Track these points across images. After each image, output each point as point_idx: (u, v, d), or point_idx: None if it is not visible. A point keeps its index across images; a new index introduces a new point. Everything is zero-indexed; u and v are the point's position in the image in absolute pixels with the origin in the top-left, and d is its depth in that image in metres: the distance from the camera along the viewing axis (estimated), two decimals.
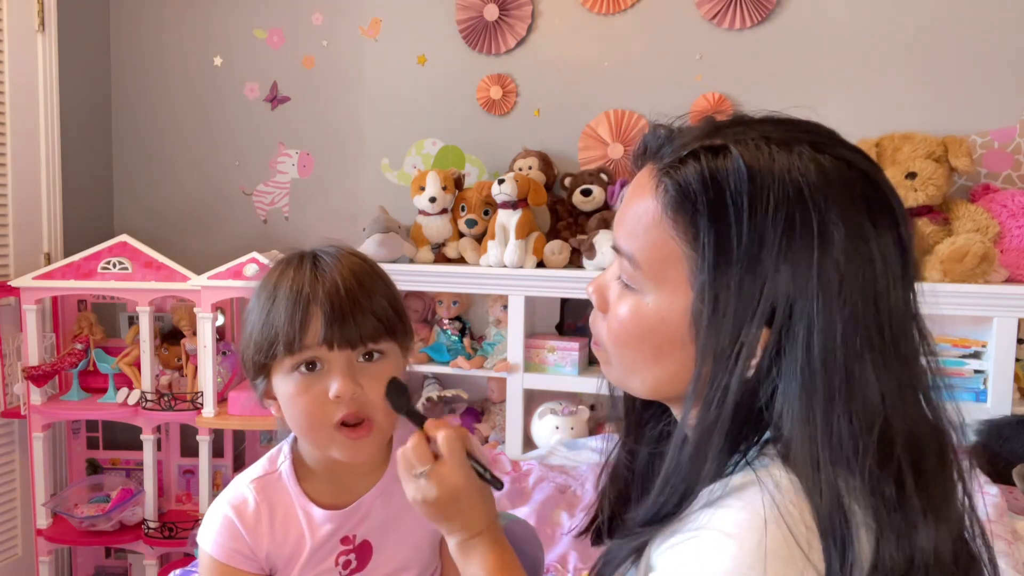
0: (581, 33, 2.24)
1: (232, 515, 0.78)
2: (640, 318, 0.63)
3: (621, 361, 0.66)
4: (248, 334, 0.77)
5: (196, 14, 2.53)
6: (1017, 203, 1.84)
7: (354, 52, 2.42)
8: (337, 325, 0.73)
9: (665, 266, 0.60)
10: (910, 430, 0.56)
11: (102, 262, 2.13)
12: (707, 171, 0.57)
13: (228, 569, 0.77)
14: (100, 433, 2.47)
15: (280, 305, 0.74)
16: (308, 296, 0.73)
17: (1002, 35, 1.96)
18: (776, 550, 0.52)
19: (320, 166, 2.49)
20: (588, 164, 2.25)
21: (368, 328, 0.75)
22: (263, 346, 0.74)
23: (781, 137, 0.58)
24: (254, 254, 2.13)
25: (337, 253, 0.78)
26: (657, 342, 0.62)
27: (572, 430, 2.03)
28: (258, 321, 0.76)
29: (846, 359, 0.55)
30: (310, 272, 0.75)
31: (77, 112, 2.45)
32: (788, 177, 0.55)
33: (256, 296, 0.78)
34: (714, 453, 0.58)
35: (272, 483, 0.80)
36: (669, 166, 0.60)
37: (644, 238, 0.61)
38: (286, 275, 0.76)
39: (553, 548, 1.44)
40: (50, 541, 2.18)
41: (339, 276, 0.75)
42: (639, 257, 0.62)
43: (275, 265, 0.79)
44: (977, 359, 1.82)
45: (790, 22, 2.09)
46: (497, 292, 2.13)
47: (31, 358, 2.10)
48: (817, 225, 0.55)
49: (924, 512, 0.55)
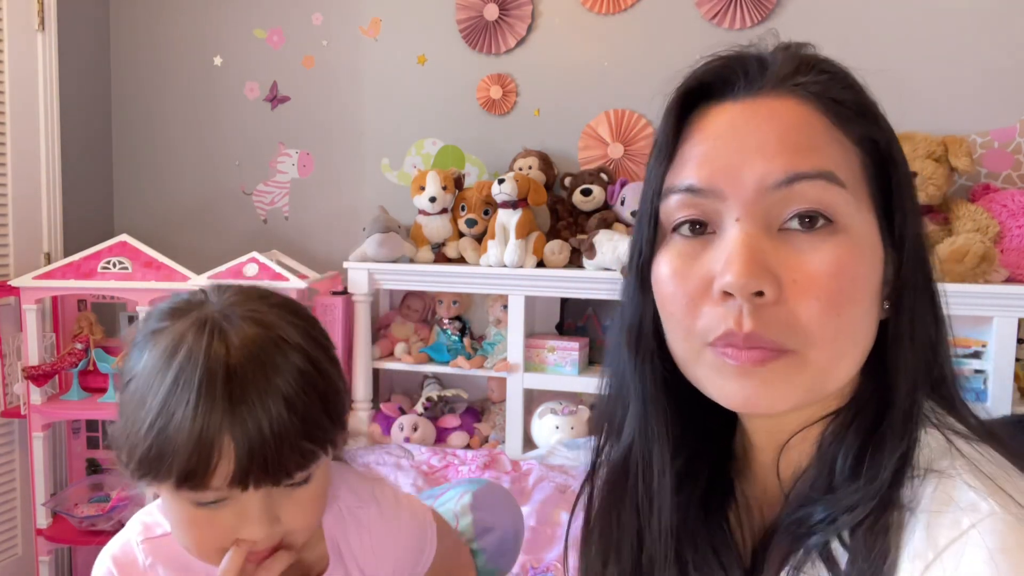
0: (581, 33, 2.24)
1: (116, 573, 0.65)
2: (859, 253, 0.50)
3: (839, 335, 0.50)
4: (126, 429, 0.58)
5: (196, 14, 2.53)
6: (1017, 203, 1.84)
7: (354, 52, 2.42)
8: (257, 468, 0.56)
9: (855, 177, 0.51)
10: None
11: (102, 262, 2.13)
12: (832, 70, 0.53)
13: None
14: (100, 433, 2.47)
15: (178, 423, 0.55)
16: (216, 430, 0.55)
17: (1002, 35, 1.96)
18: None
19: (320, 166, 2.49)
20: (588, 164, 2.25)
21: (297, 462, 0.59)
22: (147, 462, 0.56)
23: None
24: (254, 254, 2.13)
25: (262, 341, 0.58)
26: (873, 285, 0.51)
27: (572, 430, 2.03)
28: (143, 420, 0.56)
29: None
30: (222, 388, 0.55)
31: (77, 112, 2.45)
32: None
33: (140, 373, 0.58)
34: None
35: (165, 545, 0.66)
36: (795, 74, 0.53)
37: (831, 150, 0.50)
38: (186, 371, 0.56)
39: (553, 548, 1.44)
40: (50, 541, 2.18)
41: (265, 403, 0.56)
42: (840, 172, 0.50)
43: (171, 335, 0.58)
44: (977, 359, 1.82)
45: (790, 22, 2.09)
46: (497, 292, 2.13)
47: (31, 358, 2.10)
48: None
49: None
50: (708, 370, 0.52)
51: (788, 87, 0.52)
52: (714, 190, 0.51)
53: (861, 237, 0.51)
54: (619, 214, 2.10)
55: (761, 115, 0.52)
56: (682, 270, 0.53)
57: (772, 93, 0.52)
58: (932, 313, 0.55)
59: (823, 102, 0.51)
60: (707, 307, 0.51)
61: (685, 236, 0.53)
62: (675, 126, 0.56)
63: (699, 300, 0.52)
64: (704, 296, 0.51)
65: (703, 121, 0.54)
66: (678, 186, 0.53)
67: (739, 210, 0.50)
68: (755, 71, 0.54)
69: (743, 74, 0.54)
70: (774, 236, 0.50)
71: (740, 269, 0.48)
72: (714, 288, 0.50)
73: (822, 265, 0.49)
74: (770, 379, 0.50)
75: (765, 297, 0.49)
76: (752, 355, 0.49)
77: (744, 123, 0.52)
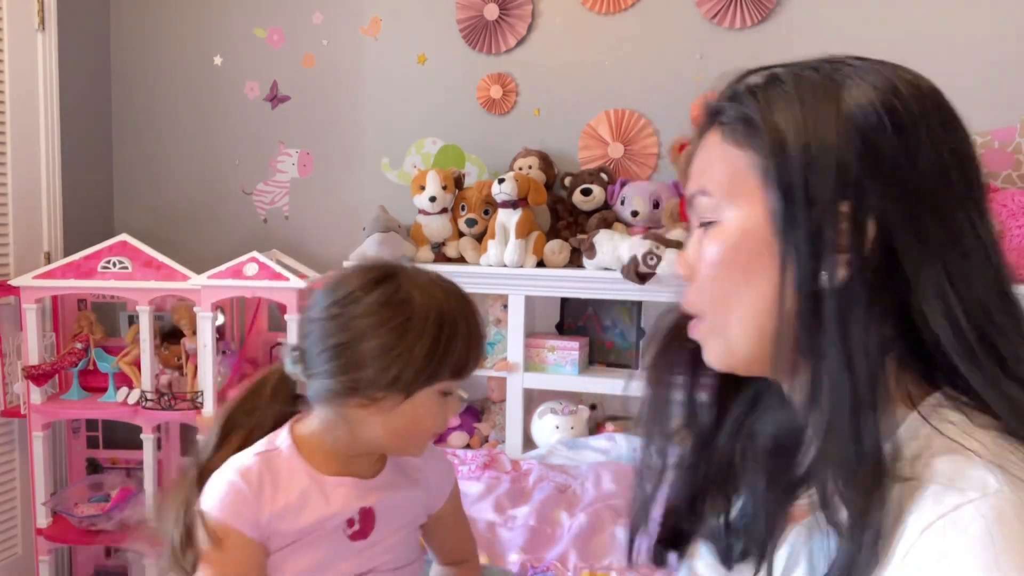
0: (581, 33, 2.24)
1: (238, 480, 0.83)
2: (724, 240, 0.62)
3: (714, 301, 0.64)
4: (399, 356, 0.82)
5: (196, 13, 2.54)
6: (1017, 203, 1.84)
7: (354, 51, 2.42)
8: (475, 365, 0.88)
9: (736, 180, 0.62)
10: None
11: (102, 261, 2.13)
12: (749, 89, 0.62)
13: (228, 530, 0.81)
14: (100, 432, 2.48)
15: (453, 338, 0.83)
16: (478, 337, 0.87)
17: (1002, 34, 1.96)
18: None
19: (320, 165, 2.49)
20: (588, 164, 2.25)
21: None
22: (432, 367, 0.83)
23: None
24: (254, 253, 2.13)
25: (463, 295, 0.89)
26: (745, 257, 0.61)
27: (572, 430, 2.03)
28: (420, 344, 0.82)
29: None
30: (467, 308, 0.86)
31: (77, 112, 2.45)
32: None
33: (392, 314, 0.82)
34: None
35: (275, 457, 0.86)
36: (717, 107, 0.65)
37: (712, 168, 0.64)
38: (441, 305, 0.83)
39: (553, 548, 1.44)
40: (50, 540, 2.18)
41: (479, 324, 0.88)
42: (709, 185, 0.64)
43: (400, 282, 0.84)
44: None
45: (790, 22, 2.09)
46: (497, 291, 2.13)
47: (31, 357, 2.10)
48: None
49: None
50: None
51: (716, 119, 0.65)
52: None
53: (732, 226, 0.62)
54: (619, 214, 2.10)
55: (702, 147, 0.67)
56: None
57: (712, 125, 0.65)
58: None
59: (725, 128, 0.63)
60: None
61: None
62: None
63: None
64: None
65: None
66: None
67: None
68: (711, 112, 0.66)
69: (707, 114, 0.67)
70: (699, 234, 0.66)
71: (677, 261, 0.69)
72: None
73: (702, 252, 0.64)
74: (703, 342, 0.66)
75: (688, 282, 0.66)
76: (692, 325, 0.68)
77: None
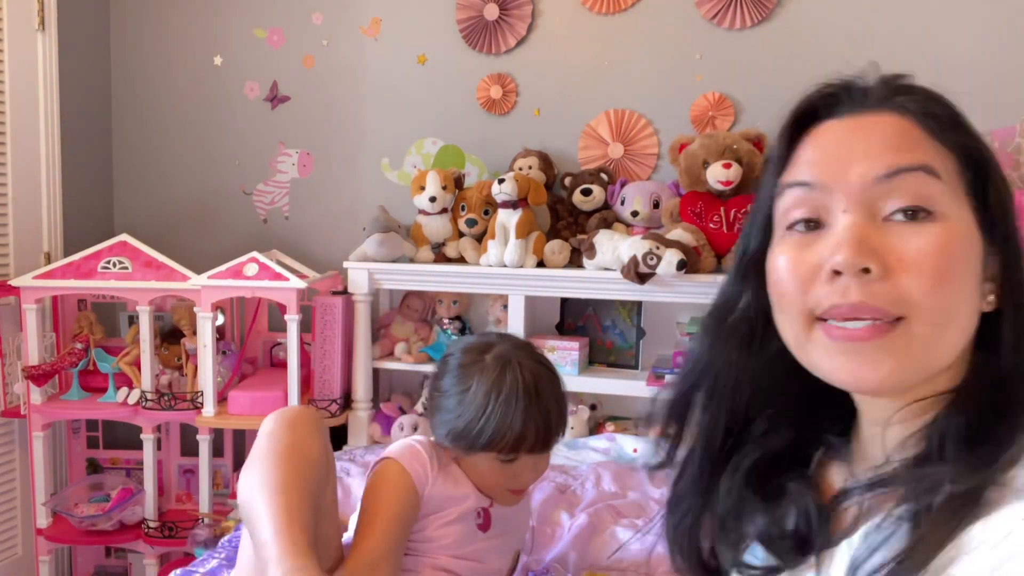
0: (581, 33, 2.24)
1: (420, 448, 1.03)
2: (955, 239, 0.55)
3: (940, 309, 0.55)
4: (465, 424, 1.01)
5: (196, 14, 2.53)
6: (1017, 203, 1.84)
7: (354, 52, 2.42)
8: (541, 443, 1.03)
9: (948, 177, 0.57)
10: None
11: (102, 262, 2.13)
12: (927, 92, 0.61)
13: (408, 479, 1.00)
14: (100, 432, 2.47)
15: (511, 414, 0.99)
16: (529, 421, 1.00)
17: (1003, 35, 1.96)
18: None
19: (320, 166, 2.49)
20: (588, 164, 2.25)
21: (558, 439, 1.07)
22: (484, 437, 1.00)
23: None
24: (254, 254, 2.12)
25: (548, 379, 1.04)
26: (973, 270, 0.56)
27: (572, 430, 2.03)
28: (485, 415, 0.99)
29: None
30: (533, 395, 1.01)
31: (77, 112, 2.45)
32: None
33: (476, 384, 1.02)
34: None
35: (433, 447, 1.07)
36: (894, 95, 0.61)
37: (921, 148, 0.57)
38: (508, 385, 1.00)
39: (553, 548, 1.44)
40: (50, 540, 2.18)
41: (551, 407, 1.02)
42: (936, 165, 0.57)
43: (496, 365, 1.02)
44: None
45: (790, 22, 2.09)
46: (497, 292, 2.13)
47: (31, 357, 2.10)
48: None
49: None
50: (819, 351, 0.59)
51: (888, 105, 0.60)
52: (824, 185, 0.59)
53: (959, 225, 0.56)
54: (619, 214, 2.10)
55: (865, 127, 0.60)
56: (797, 258, 0.60)
57: (874, 110, 0.61)
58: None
59: (919, 117, 0.59)
60: (817, 287, 0.58)
61: (800, 232, 0.61)
62: (788, 142, 0.64)
63: (811, 281, 0.59)
64: (815, 278, 0.58)
65: (813, 136, 0.63)
66: (792, 181, 0.62)
67: (846, 202, 0.57)
68: (858, 94, 0.63)
69: (847, 97, 0.63)
70: (879, 225, 0.56)
71: (848, 249, 0.55)
72: (824, 269, 0.57)
73: (925, 245, 0.55)
74: (877, 356, 0.55)
75: (871, 274, 0.55)
76: (858, 332, 0.55)
77: (849, 134, 0.60)
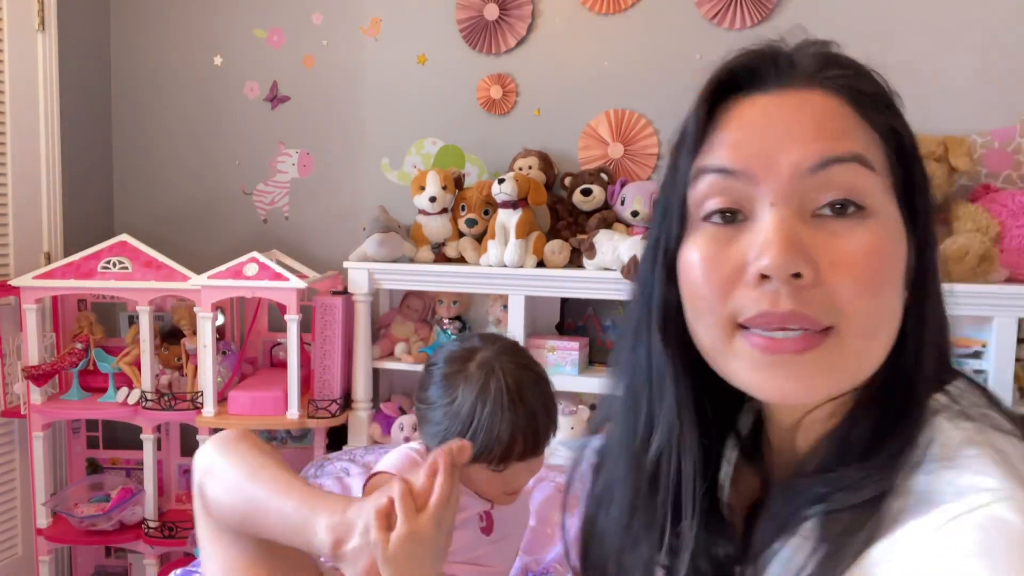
0: (581, 33, 2.24)
1: (418, 458, 1.03)
2: (887, 239, 0.51)
3: (872, 317, 0.50)
4: (459, 433, 0.97)
5: (196, 14, 2.53)
6: (1017, 203, 1.84)
7: (354, 52, 2.42)
8: (531, 449, 0.99)
9: (880, 165, 0.52)
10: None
11: (102, 262, 2.13)
12: (856, 66, 0.55)
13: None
14: (100, 433, 2.47)
15: (497, 426, 0.96)
16: (518, 430, 0.96)
17: (1002, 34, 1.96)
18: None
19: (320, 166, 2.49)
20: (588, 164, 2.25)
21: (546, 444, 1.02)
22: (473, 451, 0.93)
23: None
24: (254, 254, 2.12)
25: (533, 383, 1.01)
26: (900, 270, 0.52)
27: (572, 430, 2.03)
28: (471, 429, 0.96)
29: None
30: (517, 403, 0.97)
31: (77, 112, 2.45)
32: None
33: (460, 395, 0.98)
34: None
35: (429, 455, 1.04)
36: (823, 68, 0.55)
37: (853, 135, 0.51)
38: (492, 396, 0.96)
39: (553, 548, 1.44)
40: (50, 540, 2.18)
41: (537, 412, 0.99)
42: (869, 155, 0.51)
43: (480, 375, 0.99)
44: (977, 359, 1.82)
45: (790, 22, 2.08)
46: (497, 292, 2.13)
47: (31, 358, 2.10)
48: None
49: None
50: (740, 361, 0.53)
51: (817, 80, 0.54)
52: (748, 173, 0.52)
53: (889, 223, 0.52)
54: (619, 214, 2.10)
55: (793, 104, 0.53)
56: (714, 255, 0.53)
57: (802, 85, 0.54)
58: (942, 303, 0.57)
59: (850, 94, 0.53)
60: (740, 291, 0.52)
61: (716, 223, 0.54)
62: (706, 115, 0.56)
63: (732, 284, 0.52)
64: (737, 281, 0.52)
65: (734, 111, 0.55)
66: (710, 166, 0.54)
67: (773, 195, 0.51)
68: (785, 65, 0.55)
69: (773, 67, 0.55)
70: (808, 221, 0.51)
71: (778, 251, 0.49)
72: (749, 272, 0.51)
73: (858, 247, 0.50)
74: (805, 371, 0.50)
75: (803, 279, 0.49)
76: (788, 343, 0.50)
77: (776, 112, 0.53)
